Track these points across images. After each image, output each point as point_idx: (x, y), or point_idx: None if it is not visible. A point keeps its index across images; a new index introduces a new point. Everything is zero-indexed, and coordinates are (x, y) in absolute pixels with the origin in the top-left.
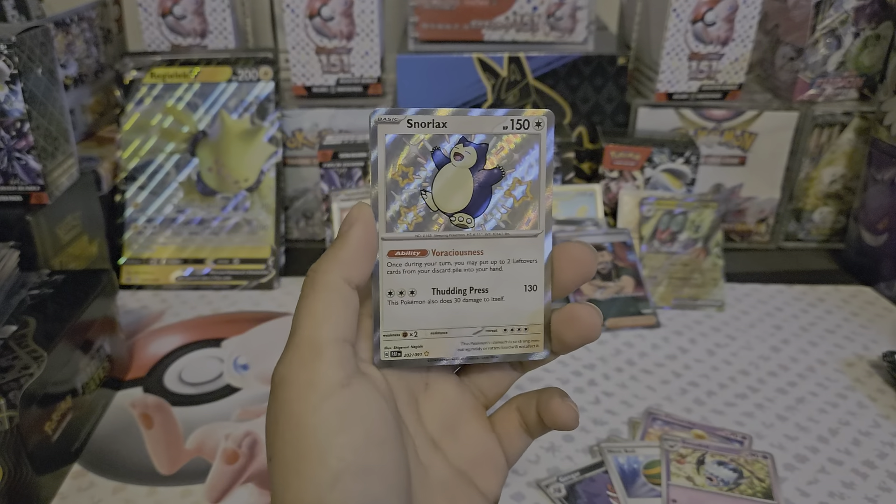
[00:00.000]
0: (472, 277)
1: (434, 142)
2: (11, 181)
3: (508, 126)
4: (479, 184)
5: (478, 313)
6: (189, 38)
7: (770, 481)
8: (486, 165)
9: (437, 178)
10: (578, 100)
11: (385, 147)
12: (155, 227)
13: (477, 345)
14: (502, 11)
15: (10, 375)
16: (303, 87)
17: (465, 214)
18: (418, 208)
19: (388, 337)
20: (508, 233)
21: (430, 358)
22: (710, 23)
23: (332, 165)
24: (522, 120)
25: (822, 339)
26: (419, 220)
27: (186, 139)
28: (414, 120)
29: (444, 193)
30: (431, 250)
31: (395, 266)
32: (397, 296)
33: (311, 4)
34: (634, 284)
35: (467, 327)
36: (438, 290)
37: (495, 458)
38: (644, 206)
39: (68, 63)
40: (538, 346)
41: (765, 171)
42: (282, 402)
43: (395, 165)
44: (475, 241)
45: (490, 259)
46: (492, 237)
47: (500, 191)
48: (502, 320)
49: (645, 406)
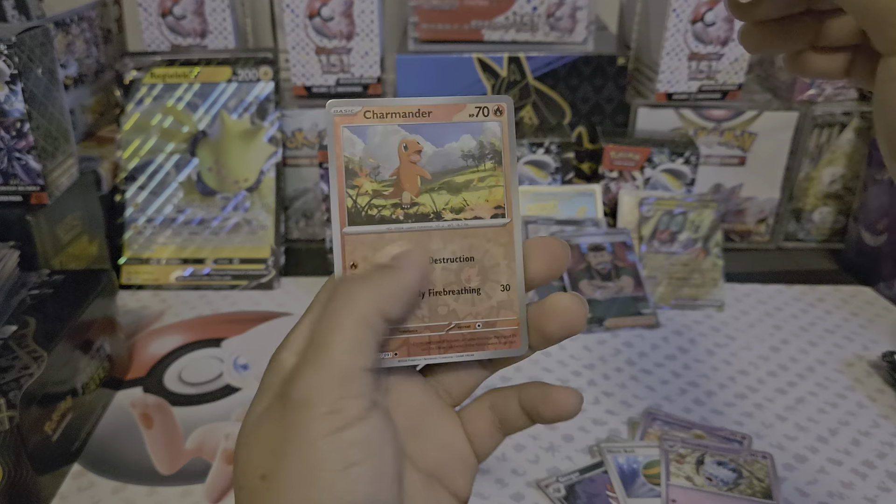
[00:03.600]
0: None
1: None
2: (11, 181)
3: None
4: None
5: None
6: (189, 39)
7: (769, 481)
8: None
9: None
10: (578, 100)
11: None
12: (155, 227)
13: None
14: (502, 11)
15: (10, 375)
16: (303, 88)
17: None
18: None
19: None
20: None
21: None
22: (709, 23)
23: None
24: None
25: (821, 339)
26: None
27: (186, 139)
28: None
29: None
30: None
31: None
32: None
33: (311, 4)
34: (634, 284)
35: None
36: None
37: (465, 458)
38: (644, 206)
39: (68, 63)
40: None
41: (764, 171)
42: (298, 422)
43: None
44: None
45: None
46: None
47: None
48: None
49: (644, 406)
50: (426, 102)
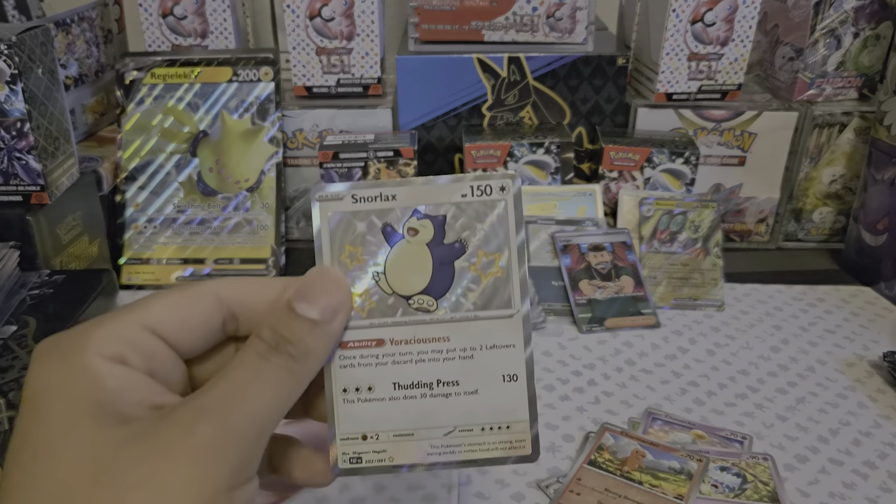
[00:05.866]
0: (438, 369)
1: (384, 217)
2: (12, 181)
3: (468, 193)
4: (440, 261)
5: (449, 410)
6: (190, 39)
7: (774, 484)
8: (445, 239)
9: (390, 257)
10: (578, 100)
11: (329, 228)
12: (155, 227)
13: (450, 448)
14: (502, 12)
15: (9, 375)
16: (303, 88)
17: (426, 296)
18: (371, 293)
19: (346, 441)
20: (478, 314)
21: (395, 464)
22: (709, 23)
23: (332, 166)
24: (484, 185)
25: (821, 339)
26: (373, 306)
27: (187, 139)
28: (359, 195)
29: (399, 274)
30: (389, 339)
31: (348, 359)
32: (353, 393)
33: (312, 5)
34: (634, 284)
35: (437, 427)
36: (401, 385)
37: None
38: (643, 206)
39: (69, 63)
40: (524, 446)
41: (764, 171)
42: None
43: (342, 247)
44: (440, 327)
45: (459, 346)
46: (459, 321)
47: (464, 267)
48: (478, 418)
49: (645, 406)
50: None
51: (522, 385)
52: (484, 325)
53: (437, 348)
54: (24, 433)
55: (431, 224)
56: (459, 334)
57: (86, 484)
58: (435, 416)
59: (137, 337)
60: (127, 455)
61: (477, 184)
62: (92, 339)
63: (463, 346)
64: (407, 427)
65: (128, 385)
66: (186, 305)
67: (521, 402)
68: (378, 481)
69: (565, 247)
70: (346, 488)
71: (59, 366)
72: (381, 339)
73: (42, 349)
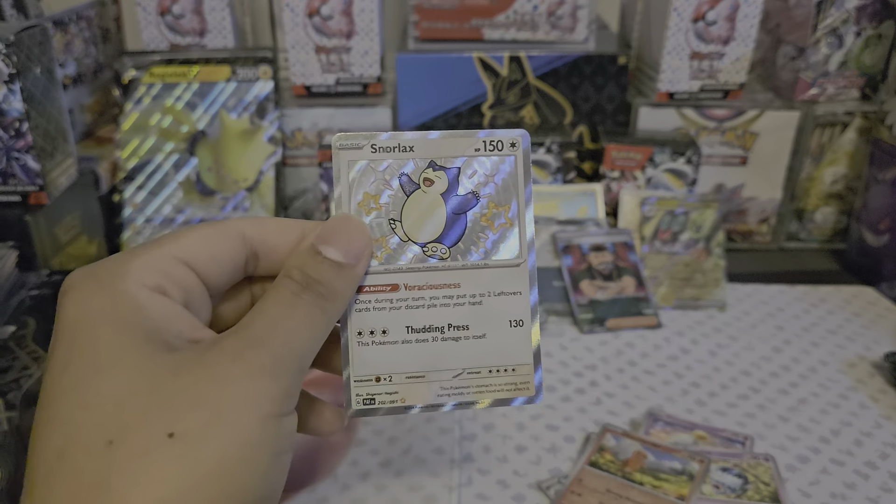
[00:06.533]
0: (449, 314)
1: (402, 167)
2: (10, 181)
3: (481, 148)
4: (453, 210)
5: (458, 354)
6: (188, 38)
7: (775, 485)
8: (458, 191)
9: (406, 205)
10: (579, 99)
11: (349, 175)
12: (154, 227)
13: (458, 389)
14: (503, 10)
15: (9, 376)
16: (302, 87)
17: (439, 244)
18: (387, 239)
19: (360, 382)
20: (487, 262)
21: (406, 405)
22: (711, 22)
23: (331, 165)
24: (496, 141)
25: (823, 339)
26: (388, 252)
27: (185, 139)
28: (379, 145)
29: (414, 222)
30: (403, 284)
31: (364, 303)
32: (368, 336)
33: (311, 3)
34: (636, 285)
35: (447, 370)
36: (413, 329)
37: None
38: (645, 206)
39: (67, 62)
40: (528, 388)
41: (766, 170)
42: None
43: (361, 194)
44: (451, 273)
45: (469, 292)
46: (469, 268)
47: (475, 217)
48: (486, 360)
49: (646, 407)
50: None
51: (527, 330)
52: (493, 273)
53: (449, 294)
54: (64, 359)
55: (446, 175)
56: (469, 281)
57: (140, 404)
58: (445, 359)
59: (173, 269)
60: (180, 379)
61: (489, 139)
62: (131, 268)
63: (472, 292)
64: (418, 369)
65: (168, 315)
66: (216, 241)
67: (525, 346)
68: (379, 482)
69: (566, 247)
70: (347, 488)
71: (101, 293)
72: (396, 284)
73: (75, 279)
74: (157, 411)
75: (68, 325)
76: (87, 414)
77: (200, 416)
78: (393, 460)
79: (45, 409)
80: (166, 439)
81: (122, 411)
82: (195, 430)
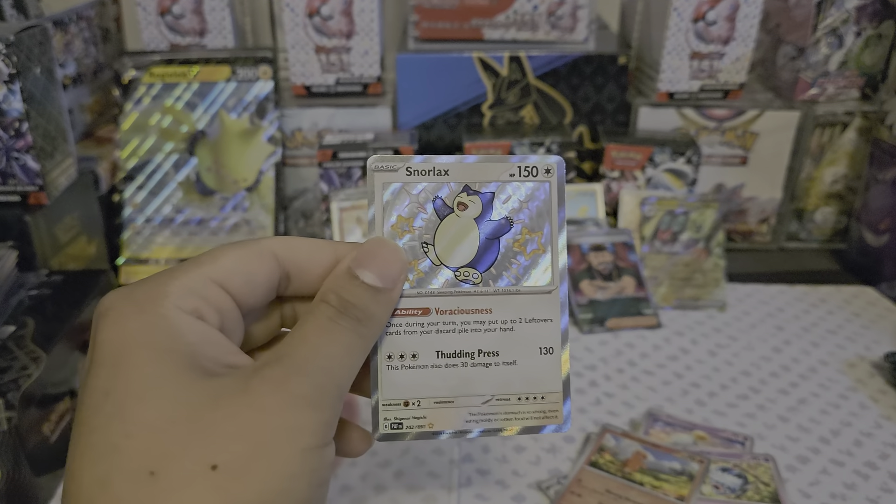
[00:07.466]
0: (480, 339)
1: (436, 191)
2: (10, 181)
3: (515, 173)
4: (486, 236)
5: (487, 380)
6: (188, 38)
7: (775, 485)
8: (492, 216)
9: (439, 229)
10: (579, 99)
11: (383, 197)
12: (153, 227)
13: (487, 416)
14: (503, 10)
15: (8, 376)
16: (302, 87)
17: (471, 269)
18: (419, 263)
19: (388, 406)
20: (519, 289)
21: (434, 431)
22: (711, 22)
23: (331, 165)
24: (531, 167)
25: (823, 339)
26: (420, 276)
27: (185, 139)
28: (414, 167)
29: (447, 246)
30: (434, 308)
31: (395, 326)
32: (398, 360)
33: (311, 3)
34: (635, 285)
35: (476, 395)
36: (443, 354)
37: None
38: (645, 206)
39: (67, 62)
40: (556, 416)
41: (766, 170)
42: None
43: (395, 217)
44: (483, 299)
45: (500, 318)
46: (501, 294)
47: (508, 243)
48: (515, 387)
49: (646, 407)
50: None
51: (557, 358)
52: (524, 300)
53: (480, 319)
54: (105, 386)
55: (480, 200)
56: (501, 307)
57: (180, 433)
58: (474, 385)
59: (209, 292)
60: (221, 408)
61: (524, 165)
62: (169, 291)
63: (504, 318)
64: (447, 394)
65: (206, 339)
66: (251, 261)
67: (555, 374)
68: (378, 482)
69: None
70: (347, 489)
71: (139, 317)
72: (427, 308)
73: (113, 301)
74: (200, 440)
75: (108, 349)
76: (130, 442)
77: (243, 448)
78: (392, 461)
79: (85, 435)
80: (209, 471)
81: (164, 440)
82: (237, 462)
